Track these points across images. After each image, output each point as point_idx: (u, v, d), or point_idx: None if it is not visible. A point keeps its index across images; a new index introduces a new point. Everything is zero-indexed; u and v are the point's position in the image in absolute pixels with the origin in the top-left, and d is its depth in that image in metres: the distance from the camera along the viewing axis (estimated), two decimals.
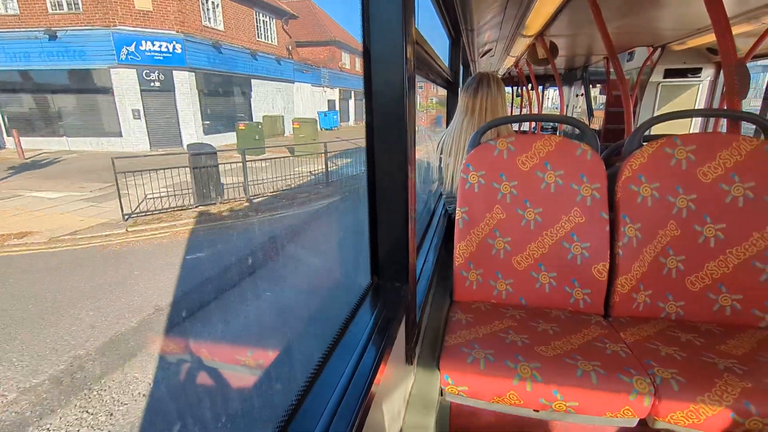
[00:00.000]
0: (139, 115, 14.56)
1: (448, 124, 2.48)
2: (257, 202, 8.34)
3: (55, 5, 14.08)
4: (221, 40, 16.92)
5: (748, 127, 1.69)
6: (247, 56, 18.69)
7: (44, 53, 14.07)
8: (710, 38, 3.30)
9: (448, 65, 2.74)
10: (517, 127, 7.73)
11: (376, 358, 0.73)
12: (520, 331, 1.15)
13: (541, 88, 8.99)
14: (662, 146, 1.25)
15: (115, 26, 13.88)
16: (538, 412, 1.03)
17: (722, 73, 2.92)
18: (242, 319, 3.99)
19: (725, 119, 1.71)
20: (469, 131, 1.79)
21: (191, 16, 15.38)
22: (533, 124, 7.58)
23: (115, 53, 13.93)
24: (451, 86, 2.79)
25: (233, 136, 15.16)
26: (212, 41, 16.32)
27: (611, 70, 4.68)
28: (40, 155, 13.55)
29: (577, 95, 6.74)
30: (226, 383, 3.09)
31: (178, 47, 14.83)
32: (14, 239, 6.12)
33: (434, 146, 2.08)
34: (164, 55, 14.65)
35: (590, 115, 6.08)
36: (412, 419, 1.04)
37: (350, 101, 30.54)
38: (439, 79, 2.20)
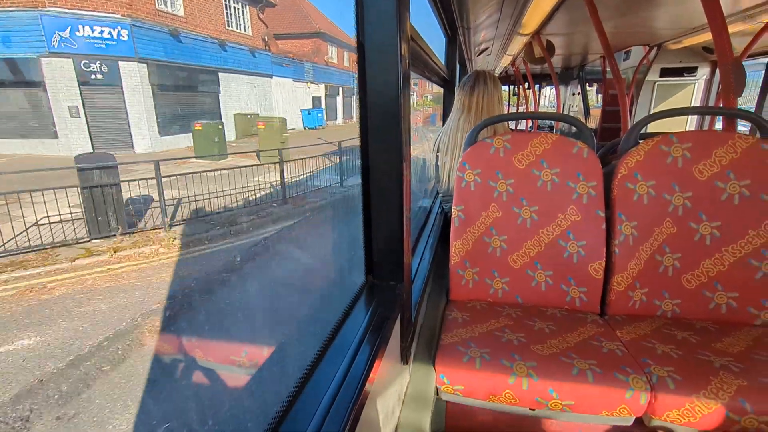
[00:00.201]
0: (77, 112, 12.38)
1: (444, 122, 2.48)
2: (175, 232, 6.18)
3: None
4: (181, 27, 14.72)
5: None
6: (214, 47, 16.58)
7: None
8: (706, 37, 3.31)
9: (444, 63, 2.74)
10: (513, 125, 7.76)
11: (370, 356, 0.72)
12: (516, 329, 1.14)
13: (537, 86, 9.01)
14: (658, 144, 1.25)
15: (44, 7, 11.46)
16: (534, 410, 1.03)
17: (718, 71, 2.93)
18: None
19: (720, 117, 1.71)
20: (465, 129, 1.78)
21: None
22: (530, 122, 7.59)
23: (45, 40, 11.61)
24: (447, 84, 2.78)
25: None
26: (170, 28, 14.16)
27: (608, 68, 4.69)
28: None
29: (573, 94, 6.76)
30: None
31: (124, 33, 12.58)
32: None
33: (431, 145, 2.07)
34: (107, 42, 12.38)
35: (587, 113, 6.10)
36: (407, 418, 1.03)
37: (338, 98, 29.00)
38: (435, 77, 2.19)
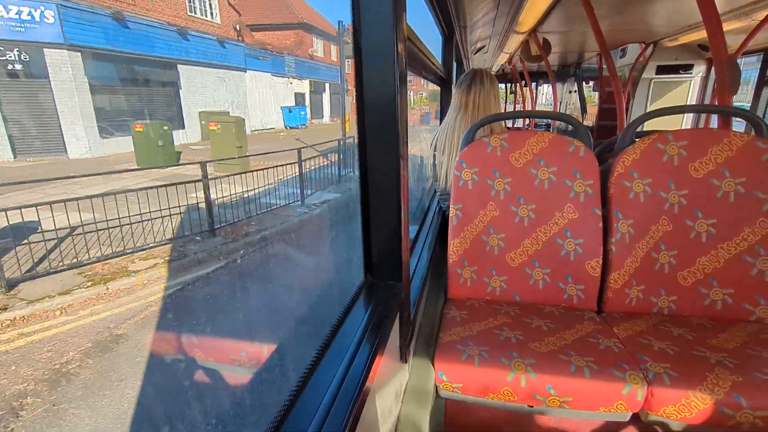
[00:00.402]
0: None
1: (441, 121, 2.48)
2: (14, 295, 3.86)
3: None
4: (127, 10, 12.64)
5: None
6: (172, 34, 14.41)
7: None
8: (701, 35, 3.33)
9: (441, 62, 2.74)
10: (510, 123, 7.77)
11: (369, 355, 0.73)
12: (514, 327, 1.15)
13: (534, 84, 9.01)
14: (654, 142, 1.26)
15: None
16: (532, 407, 1.04)
17: (713, 69, 2.95)
18: None
19: (716, 115, 1.72)
20: (462, 128, 1.79)
21: None
22: (527, 120, 7.60)
23: None
24: (444, 83, 2.79)
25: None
26: (112, 11, 12.07)
27: (604, 66, 4.71)
28: None
29: (570, 92, 6.77)
30: None
31: (49, 15, 10.37)
32: None
33: (426, 144, 2.07)
34: (27, 25, 10.15)
35: (583, 111, 6.12)
36: (406, 416, 1.04)
37: (324, 95, 26.71)
38: (432, 76, 2.20)
